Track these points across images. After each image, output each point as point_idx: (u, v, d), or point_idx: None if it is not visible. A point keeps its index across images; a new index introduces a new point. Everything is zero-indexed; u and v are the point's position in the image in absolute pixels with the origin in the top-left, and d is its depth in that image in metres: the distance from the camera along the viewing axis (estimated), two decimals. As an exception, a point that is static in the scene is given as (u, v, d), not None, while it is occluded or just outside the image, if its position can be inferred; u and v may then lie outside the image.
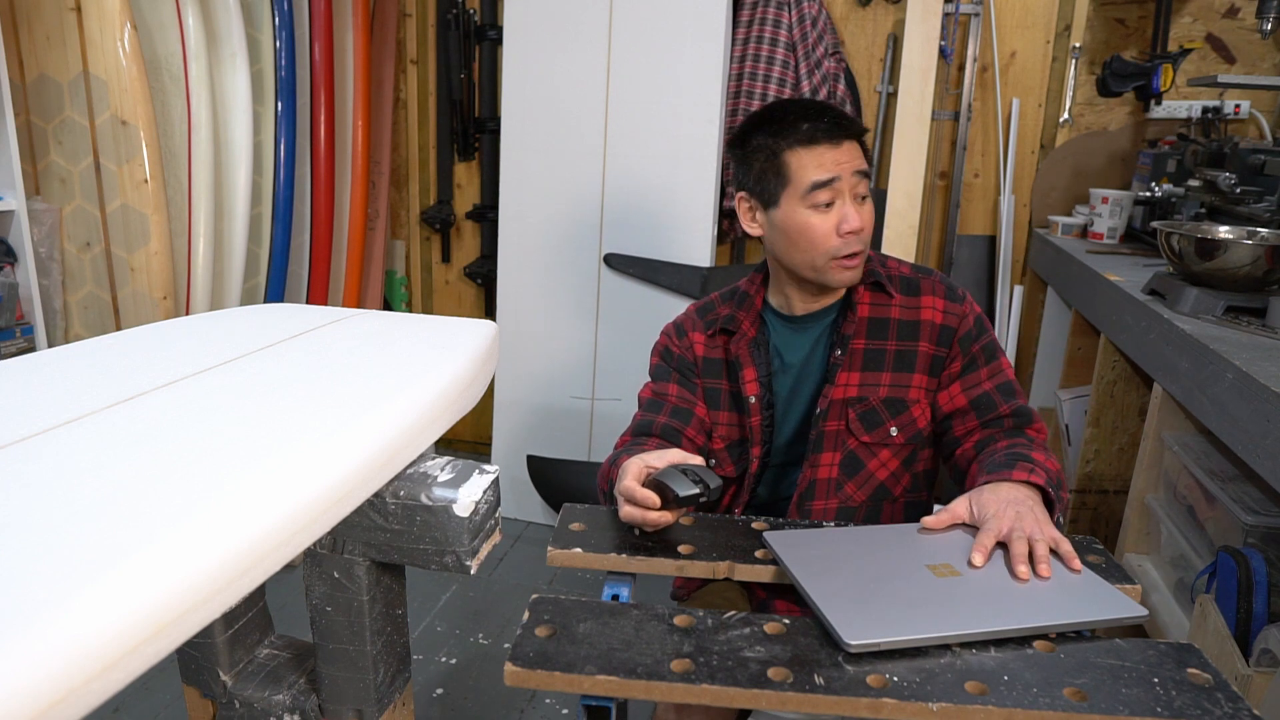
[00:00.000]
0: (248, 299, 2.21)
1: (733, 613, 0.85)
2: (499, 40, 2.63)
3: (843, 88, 2.45)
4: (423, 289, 2.97)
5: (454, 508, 0.67)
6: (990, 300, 2.56)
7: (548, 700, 1.86)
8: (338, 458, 0.59)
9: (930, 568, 0.90)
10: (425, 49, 2.75)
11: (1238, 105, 2.25)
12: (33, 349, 1.82)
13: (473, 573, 0.70)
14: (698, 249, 2.38)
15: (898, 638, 0.78)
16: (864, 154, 1.14)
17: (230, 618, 0.79)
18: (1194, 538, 1.48)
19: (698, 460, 0.99)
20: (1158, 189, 2.07)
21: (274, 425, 0.61)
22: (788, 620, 0.83)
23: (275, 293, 2.29)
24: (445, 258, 2.91)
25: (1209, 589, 1.26)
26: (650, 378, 1.27)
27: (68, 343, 1.54)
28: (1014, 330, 2.50)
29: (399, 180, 2.87)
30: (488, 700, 1.85)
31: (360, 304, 2.69)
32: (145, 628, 0.42)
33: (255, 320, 0.93)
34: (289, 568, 0.72)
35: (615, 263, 2.43)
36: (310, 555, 0.72)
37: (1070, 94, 2.42)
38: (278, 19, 2.14)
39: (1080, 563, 0.90)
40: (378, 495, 0.68)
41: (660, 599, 1.02)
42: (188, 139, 1.97)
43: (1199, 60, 2.34)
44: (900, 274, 1.20)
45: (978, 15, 2.39)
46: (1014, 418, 1.14)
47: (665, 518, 0.97)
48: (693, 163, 2.34)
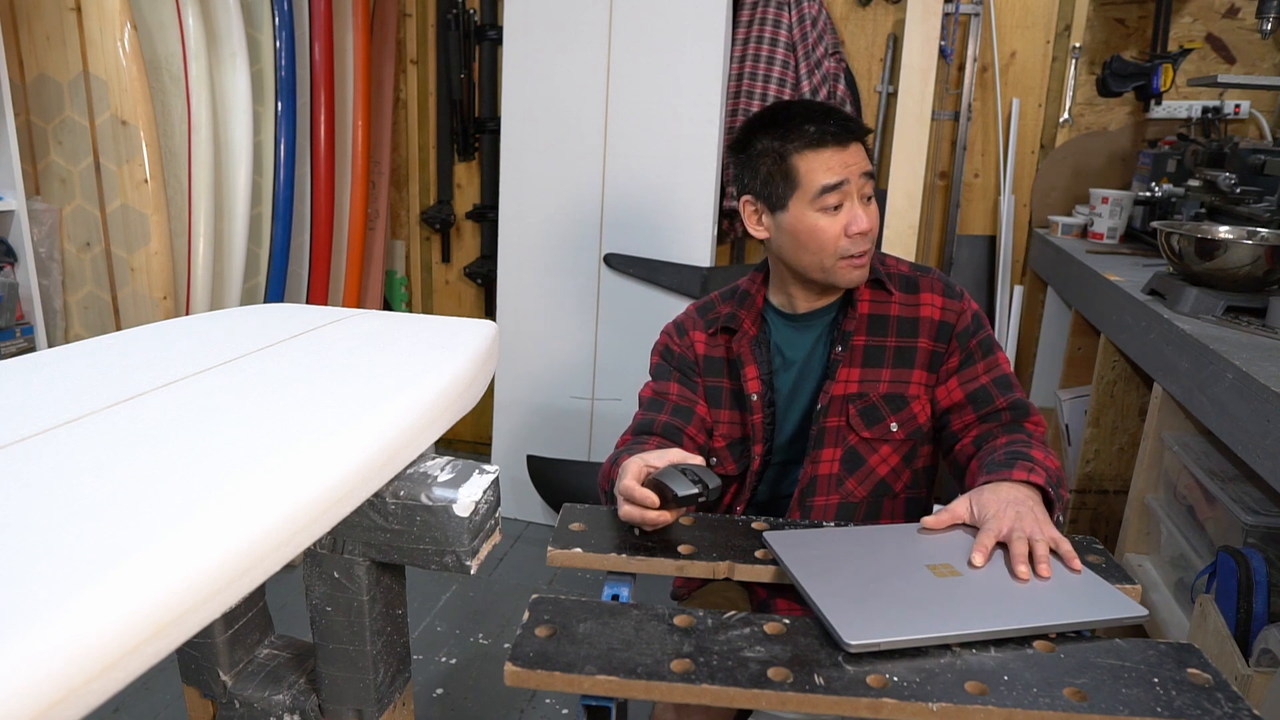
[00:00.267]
0: (248, 299, 2.21)
1: (733, 613, 0.85)
2: (499, 40, 2.63)
3: (843, 88, 2.45)
4: (423, 289, 2.97)
5: (454, 508, 0.67)
6: (990, 300, 2.56)
7: (548, 700, 1.86)
8: (338, 458, 0.59)
9: (930, 568, 0.90)
10: (425, 49, 2.75)
11: (1238, 105, 2.25)
12: (33, 349, 1.82)
13: (473, 573, 0.70)
14: (698, 249, 2.38)
15: (898, 638, 0.78)
16: (867, 154, 1.15)
17: (230, 618, 0.79)
18: (1194, 538, 1.48)
19: (698, 460, 0.99)
20: (1158, 189, 2.07)
21: (274, 425, 0.61)
22: (788, 620, 0.83)
23: (275, 293, 2.29)
24: (445, 258, 2.91)
25: (1209, 589, 1.26)
26: (651, 377, 1.27)
27: (68, 343, 1.54)
28: (1014, 330, 2.50)
29: (399, 180, 2.87)
30: (488, 700, 1.85)
31: (360, 304, 2.69)
32: (145, 628, 0.42)
33: (255, 320, 0.93)
34: (289, 568, 0.72)
35: (615, 263, 2.43)
36: (310, 555, 0.72)
37: (1070, 94, 2.42)
38: (278, 19, 2.14)
39: (1080, 563, 0.90)
40: (378, 495, 0.68)
41: (660, 599, 1.02)
42: (188, 139, 1.97)
43: (1199, 60, 2.34)
44: (900, 272, 1.22)
45: (978, 15, 2.39)
46: (1011, 411, 1.15)
47: (664, 517, 0.98)
48: (693, 163, 2.34)
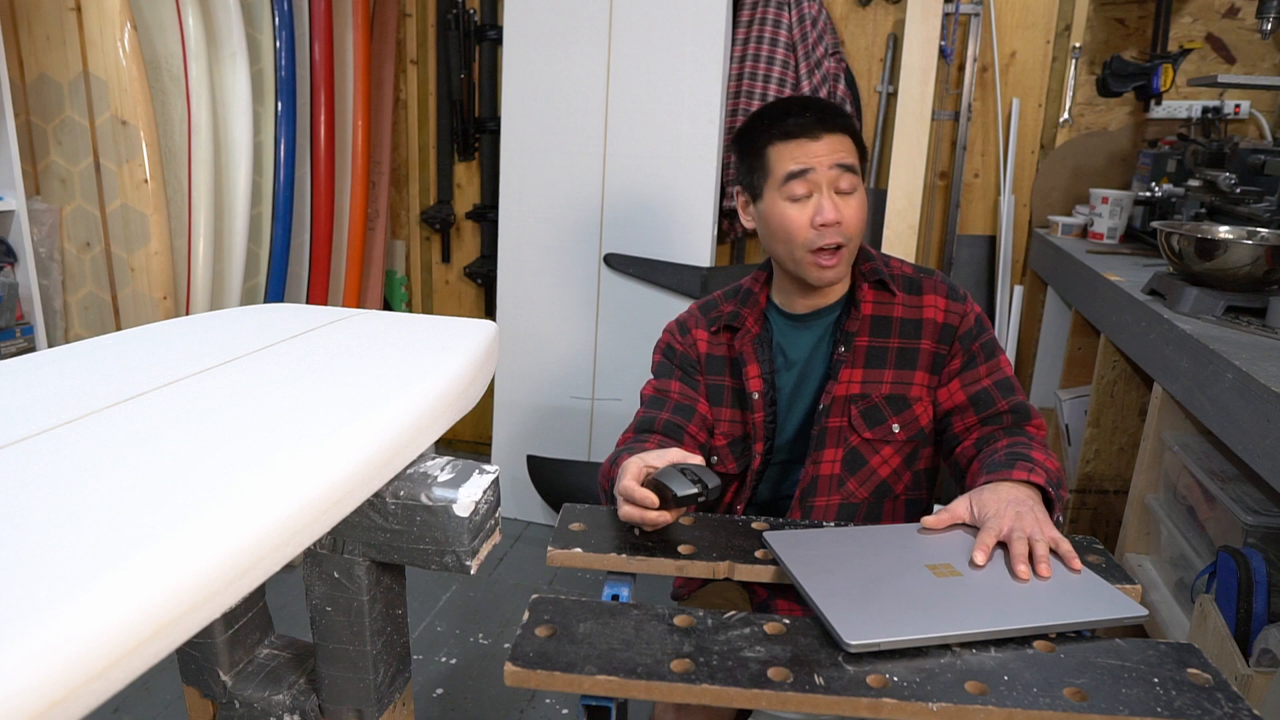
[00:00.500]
0: (248, 299, 2.21)
1: (733, 613, 0.85)
2: (499, 40, 2.63)
3: (843, 88, 2.45)
4: (423, 289, 2.97)
5: (454, 508, 0.67)
6: (990, 300, 2.56)
7: (548, 700, 1.86)
8: (338, 458, 0.59)
9: (930, 568, 0.90)
10: (425, 49, 2.75)
11: (1238, 105, 2.25)
12: (33, 349, 1.82)
13: (473, 573, 0.70)
14: (698, 249, 2.38)
15: (898, 638, 0.78)
16: (856, 150, 1.15)
17: (230, 618, 0.79)
18: (1194, 538, 1.48)
19: (697, 459, 1.00)
20: (1158, 189, 2.07)
21: (274, 425, 0.61)
22: (788, 620, 0.83)
23: (275, 293, 2.29)
24: (445, 258, 2.91)
25: (1209, 589, 1.26)
26: (653, 375, 1.28)
27: (68, 343, 1.54)
28: (1014, 330, 2.50)
29: (399, 180, 2.87)
30: (488, 700, 1.85)
31: (360, 304, 2.69)
32: (145, 628, 0.42)
33: (255, 320, 0.93)
34: (289, 568, 0.72)
35: (615, 263, 2.43)
36: (310, 555, 0.72)
37: (1070, 94, 2.42)
38: (278, 19, 2.14)
39: (1080, 563, 0.90)
40: (378, 495, 0.68)
41: (660, 599, 1.02)
42: (188, 139, 1.97)
43: (1199, 60, 2.34)
44: (903, 273, 1.22)
45: (978, 15, 2.39)
46: (1013, 414, 1.15)
47: (664, 517, 0.98)
48: (693, 163, 2.34)
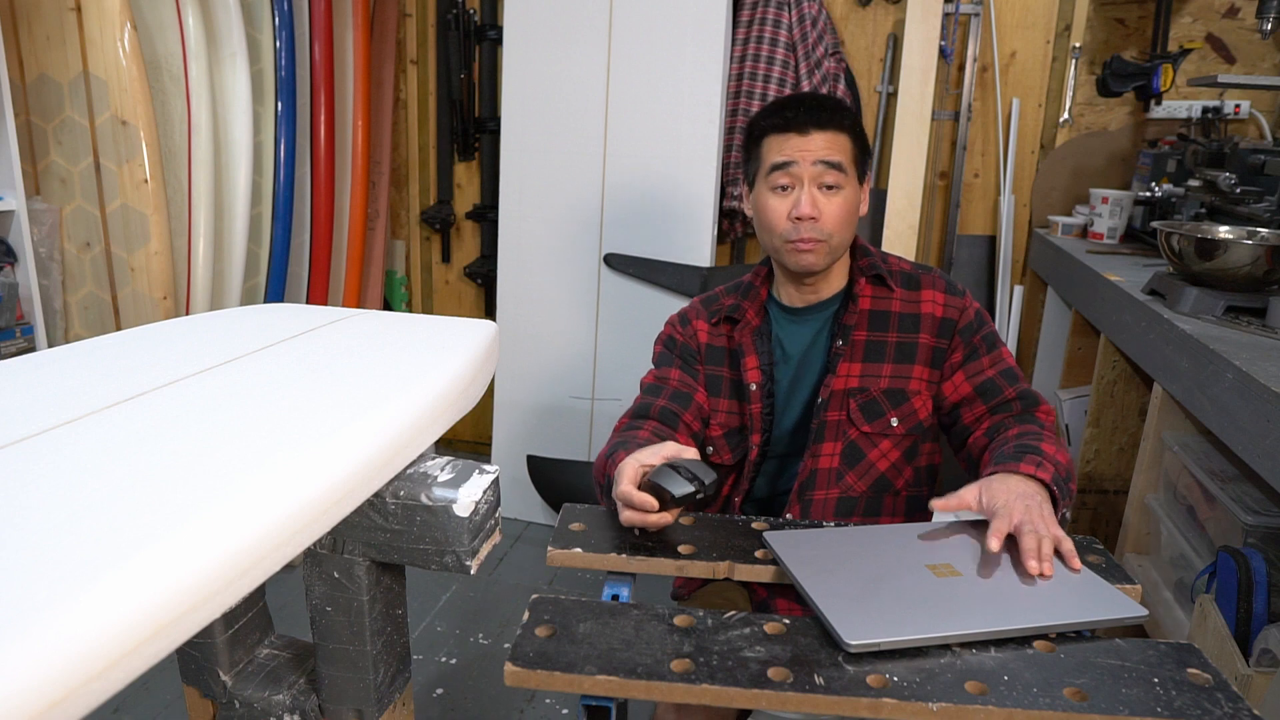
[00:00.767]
0: (248, 299, 2.21)
1: (733, 613, 0.85)
2: (499, 40, 2.63)
3: (843, 88, 2.45)
4: (423, 289, 2.97)
5: (454, 508, 0.67)
6: (990, 300, 2.56)
7: (548, 700, 1.86)
8: (338, 458, 0.59)
9: (930, 567, 0.90)
10: (425, 49, 2.75)
11: (1238, 105, 2.25)
12: (33, 349, 1.82)
13: (473, 573, 0.70)
14: (698, 249, 2.38)
15: (898, 638, 0.78)
16: (855, 149, 1.16)
17: (230, 618, 0.79)
18: (1194, 538, 1.48)
19: (692, 453, 0.99)
20: (1158, 189, 2.07)
21: (274, 425, 0.61)
22: (788, 620, 0.83)
23: (275, 293, 2.29)
24: (445, 258, 2.91)
25: (1209, 589, 1.26)
26: (653, 364, 1.30)
27: (68, 343, 1.54)
28: (1014, 330, 2.50)
29: (399, 180, 2.87)
30: (488, 700, 1.85)
31: (360, 304, 2.69)
32: (145, 628, 0.42)
33: (255, 320, 0.93)
34: (289, 568, 0.72)
35: (615, 263, 2.43)
36: (310, 555, 0.72)
37: (1070, 94, 2.42)
38: (278, 19, 2.14)
39: (1080, 563, 0.90)
40: (378, 495, 0.68)
41: (660, 599, 1.02)
42: (188, 139, 1.97)
43: (1199, 60, 2.34)
44: (901, 269, 1.24)
45: (978, 15, 2.39)
46: (1021, 400, 1.18)
47: (665, 519, 0.98)
48: (693, 163, 2.34)
